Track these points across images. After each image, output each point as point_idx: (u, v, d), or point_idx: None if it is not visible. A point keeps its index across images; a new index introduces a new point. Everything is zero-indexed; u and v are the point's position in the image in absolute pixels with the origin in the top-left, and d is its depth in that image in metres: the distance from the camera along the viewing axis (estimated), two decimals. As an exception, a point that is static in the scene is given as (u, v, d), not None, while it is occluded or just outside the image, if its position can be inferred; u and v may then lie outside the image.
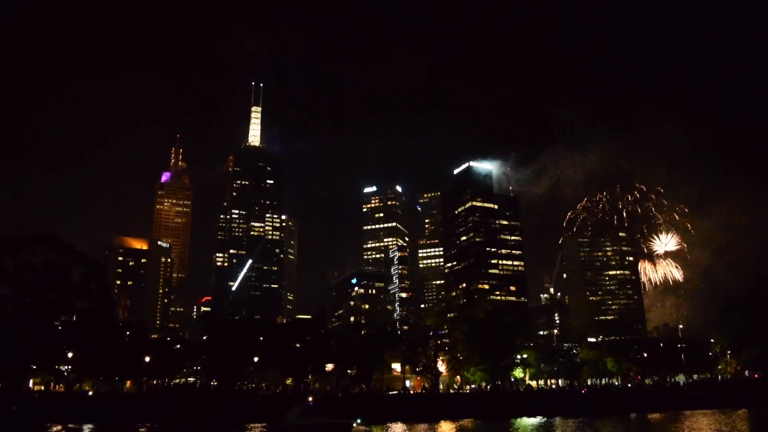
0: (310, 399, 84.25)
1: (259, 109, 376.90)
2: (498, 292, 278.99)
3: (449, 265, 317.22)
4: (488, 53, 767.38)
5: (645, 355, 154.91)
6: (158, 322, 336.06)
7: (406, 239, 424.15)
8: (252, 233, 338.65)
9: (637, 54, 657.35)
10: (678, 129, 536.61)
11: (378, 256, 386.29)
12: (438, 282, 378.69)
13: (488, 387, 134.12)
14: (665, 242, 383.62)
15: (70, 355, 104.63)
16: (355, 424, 75.31)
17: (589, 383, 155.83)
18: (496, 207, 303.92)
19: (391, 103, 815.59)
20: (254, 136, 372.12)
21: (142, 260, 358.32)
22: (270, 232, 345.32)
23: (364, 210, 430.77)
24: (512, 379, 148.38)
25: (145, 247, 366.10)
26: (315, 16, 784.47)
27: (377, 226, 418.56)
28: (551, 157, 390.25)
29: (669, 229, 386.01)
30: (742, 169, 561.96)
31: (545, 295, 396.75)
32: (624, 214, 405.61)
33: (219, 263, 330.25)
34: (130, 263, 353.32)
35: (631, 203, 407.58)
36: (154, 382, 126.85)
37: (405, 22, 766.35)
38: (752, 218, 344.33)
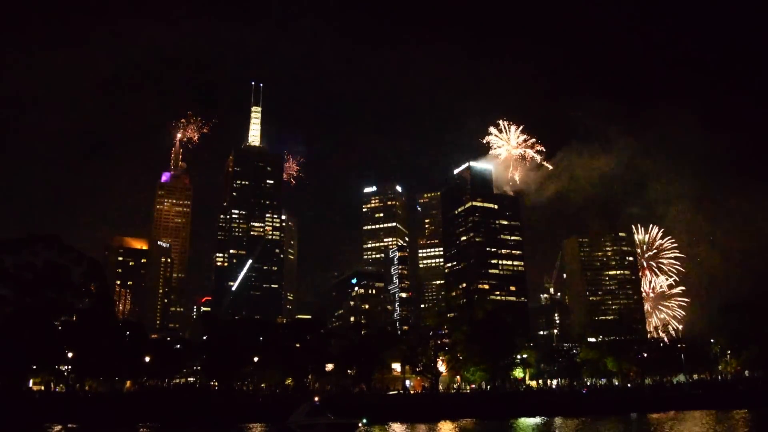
0: (317, 399, 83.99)
1: (259, 109, 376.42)
2: (498, 292, 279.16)
3: (449, 265, 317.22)
4: (490, 54, 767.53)
5: (645, 355, 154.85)
6: (158, 322, 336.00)
7: (406, 239, 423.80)
8: (252, 233, 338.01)
9: (650, 54, 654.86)
10: (689, 129, 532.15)
11: (378, 256, 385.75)
12: (438, 282, 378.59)
13: (488, 387, 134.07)
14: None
15: (70, 355, 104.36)
16: (360, 424, 75.25)
17: (589, 383, 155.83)
18: (496, 207, 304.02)
19: (392, 103, 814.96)
20: (254, 136, 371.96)
21: (142, 260, 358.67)
22: (270, 232, 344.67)
23: (364, 210, 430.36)
24: (512, 379, 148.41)
25: (145, 247, 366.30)
26: (315, 16, 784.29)
27: (377, 226, 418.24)
28: (559, 158, 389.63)
29: (674, 231, 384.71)
30: (749, 170, 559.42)
31: (545, 295, 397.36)
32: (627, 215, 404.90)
33: (219, 263, 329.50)
34: (130, 263, 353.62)
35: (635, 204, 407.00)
36: (153, 383, 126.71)
37: (407, 21, 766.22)
38: (758, 219, 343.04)
